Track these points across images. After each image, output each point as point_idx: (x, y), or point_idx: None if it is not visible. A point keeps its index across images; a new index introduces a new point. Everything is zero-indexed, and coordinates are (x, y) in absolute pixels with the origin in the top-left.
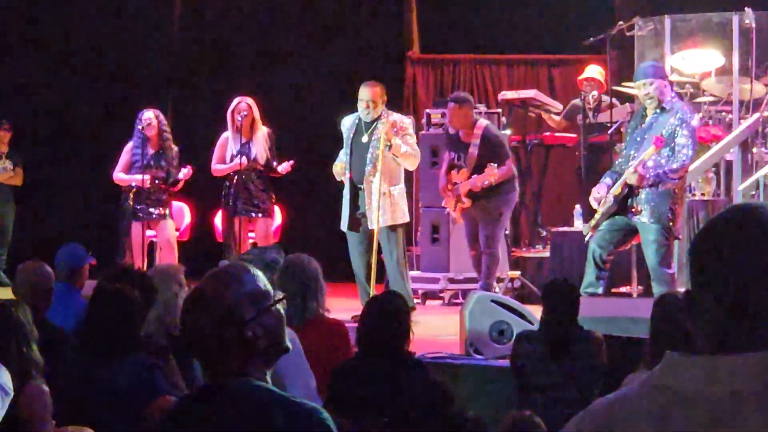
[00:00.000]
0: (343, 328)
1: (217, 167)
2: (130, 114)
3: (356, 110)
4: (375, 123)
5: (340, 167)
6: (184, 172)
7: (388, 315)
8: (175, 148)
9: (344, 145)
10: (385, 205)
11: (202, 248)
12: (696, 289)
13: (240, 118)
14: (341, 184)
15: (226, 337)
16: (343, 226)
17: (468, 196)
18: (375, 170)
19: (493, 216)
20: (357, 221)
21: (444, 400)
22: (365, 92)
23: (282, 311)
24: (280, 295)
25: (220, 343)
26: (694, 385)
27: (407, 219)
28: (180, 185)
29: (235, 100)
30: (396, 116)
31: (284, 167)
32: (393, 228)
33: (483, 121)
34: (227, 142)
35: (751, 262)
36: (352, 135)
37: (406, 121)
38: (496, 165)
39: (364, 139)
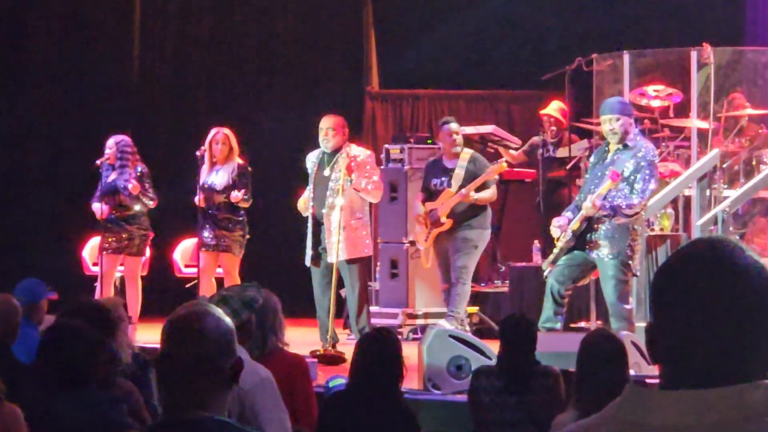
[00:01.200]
0: (303, 362)
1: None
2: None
3: (317, 145)
4: (336, 157)
5: (303, 202)
6: (133, 185)
7: (383, 354)
8: (140, 168)
9: (309, 181)
10: (345, 239)
11: (161, 283)
12: (659, 324)
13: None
14: (300, 218)
15: (218, 368)
16: (307, 260)
17: (449, 217)
18: (335, 204)
19: (469, 247)
20: (319, 256)
21: None
22: (325, 121)
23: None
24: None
25: (209, 375)
26: (652, 419)
27: (369, 253)
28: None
29: (213, 131)
30: (357, 150)
31: (235, 196)
32: (353, 261)
33: (469, 150)
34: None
35: (716, 298)
36: (315, 169)
37: (368, 155)
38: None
39: (326, 172)
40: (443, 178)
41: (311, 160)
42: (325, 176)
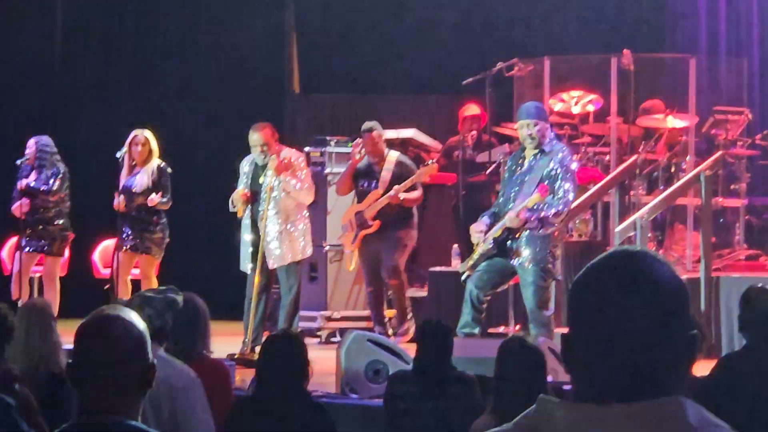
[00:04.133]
0: (224, 368)
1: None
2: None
3: (236, 145)
4: (267, 161)
5: (237, 196)
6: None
7: (288, 354)
8: (61, 168)
9: (239, 184)
10: (283, 243)
11: (80, 283)
12: (575, 337)
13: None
14: (221, 221)
15: (130, 373)
16: (243, 265)
17: (376, 219)
18: (271, 209)
19: (399, 245)
20: (255, 261)
21: None
22: (255, 137)
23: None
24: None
25: (121, 379)
26: (565, 430)
27: (306, 255)
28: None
29: (133, 133)
30: (287, 152)
31: (151, 199)
32: (291, 265)
33: (395, 152)
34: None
35: (630, 312)
36: (250, 176)
37: (298, 156)
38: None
39: (261, 179)
40: (368, 181)
41: (245, 166)
42: (260, 183)
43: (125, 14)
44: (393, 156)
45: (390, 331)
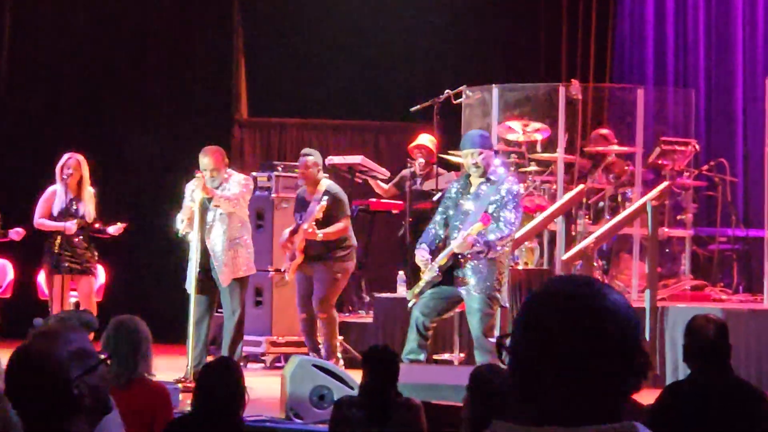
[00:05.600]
0: (166, 391)
1: (44, 222)
2: None
3: (184, 169)
4: (219, 186)
5: (187, 210)
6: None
7: (223, 382)
8: None
9: (183, 208)
10: (227, 262)
11: (24, 306)
12: (516, 362)
13: (66, 176)
14: (165, 244)
15: (52, 394)
16: (188, 286)
17: (305, 254)
18: (214, 229)
19: (329, 279)
20: (201, 281)
21: None
22: (206, 161)
23: (105, 372)
24: (104, 355)
25: (45, 401)
26: None
27: (248, 272)
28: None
29: (65, 156)
30: (237, 176)
31: (116, 229)
32: (234, 284)
33: (326, 181)
34: (53, 196)
35: (574, 340)
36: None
37: (242, 177)
38: (326, 199)
39: (206, 202)
40: (302, 213)
41: (191, 187)
42: (206, 205)
43: (75, 38)
44: (323, 186)
45: (339, 357)
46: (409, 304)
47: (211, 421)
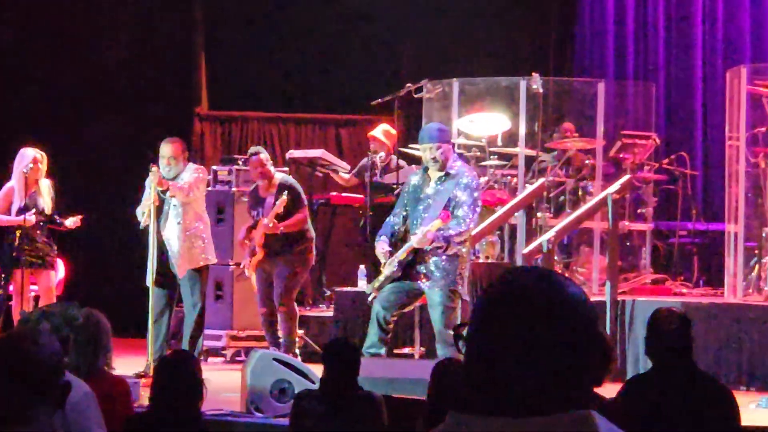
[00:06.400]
0: (125, 385)
1: (1, 218)
2: None
3: (144, 162)
4: (176, 178)
5: (148, 203)
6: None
7: (181, 375)
8: None
9: (142, 202)
10: (182, 253)
11: None
12: (471, 353)
13: (26, 170)
14: (124, 237)
15: (45, 388)
16: (148, 281)
17: (264, 249)
18: (170, 222)
19: (289, 271)
20: (161, 275)
21: None
22: (165, 149)
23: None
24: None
25: (36, 394)
26: None
27: (209, 261)
28: None
29: (27, 152)
30: (191, 165)
31: (74, 221)
32: (193, 276)
33: (279, 174)
34: (12, 192)
35: (533, 329)
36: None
37: (197, 167)
38: (286, 193)
39: (164, 195)
40: (258, 209)
41: (149, 184)
42: (163, 198)
43: (36, 28)
44: (277, 179)
45: (296, 353)
46: (369, 298)
47: (169, 416)
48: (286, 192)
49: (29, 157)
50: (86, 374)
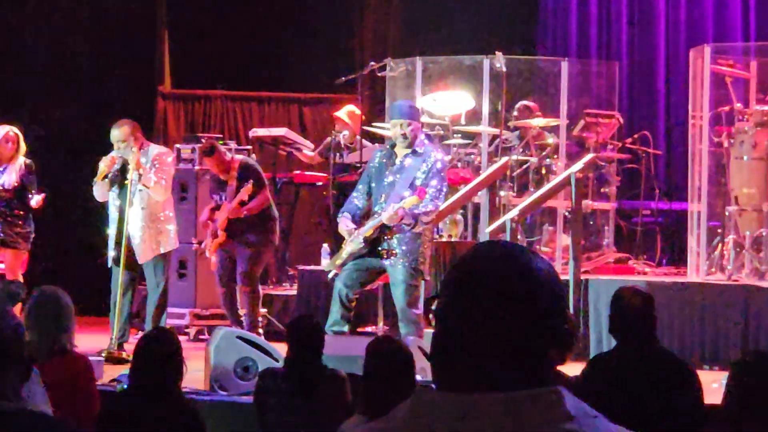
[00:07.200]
0: (88, 362)
1: None
2: None
3: (104, 142)
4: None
5: (108, 159)
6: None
7: (163, 353)
8: None
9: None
10: (148, 237)
11: None
12: (441, 325)
13: (8, 146)
14: (85, 215)
15: (10, 361)
16: (109, 261)
17: (227, 231)
18: (134, 204)
19: (252, 253)
20: (122, 254)
21: None
22: (115, 134)
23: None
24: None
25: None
26: (442, 422)
27: (173, 246)
28: None
29: (2, 129)
30: (155, 149)
31: (37, 201)
32: (157, 260)
33: (238, 157)
34: None
35: (507, 305)
36: (117, 173)
37: (164, 153)
38: (251, 181)
39: (128, 175)
40: (221, 193)
41: (108, 161)
42: (125, 178)
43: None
44: (236, 163)
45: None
46: (329, 275)
47: (150, 393)
48: (250, 180)
49: (9, 134)
50: (48, 352)
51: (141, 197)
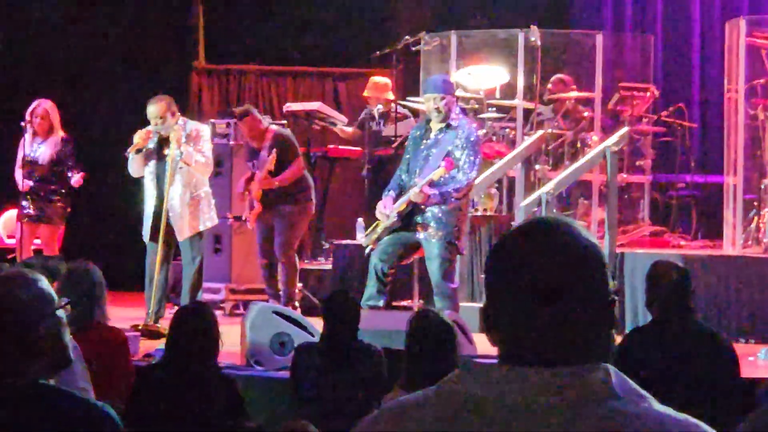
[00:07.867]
0: (122, 336)
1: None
2: None
3: (140, 119)
4: (170, 134)
5: (143, 132)
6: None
7: (199, 327)
8: None
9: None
10: (187, 214)
11: None
12: (495, 303)
13: (35, 124)
14: (122, 191)
15: (11, 336)
16: (145, 236)
17: (262, 202)
18: (173, 180)
19: (289, 222)
20: (158, 229)
21: (243, 413)
22: (152, 109)
23: (64, 317)
24: (64, 300)
25: (3, 342)
26: (487, 392)
27: (213, 222)
28: None
29: (34, 103)
30: (193, 125)
31: (76, 180)
32: (194, 236)
33: (273, 127)
34: (23, 144)
35: (551, 279)
36: (154, 147)
37: (203, 129)
38: (275, 151)
39: (166, 151)
40: (254, 161)
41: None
42: (164, 154)
43: None
44: (270, 134)
45: (296, 306)
46: (366, 250)
47: (185, 366)
48: (274, 149)
49: (38, 109)
50: (81, 326)
51: (182, 174)
